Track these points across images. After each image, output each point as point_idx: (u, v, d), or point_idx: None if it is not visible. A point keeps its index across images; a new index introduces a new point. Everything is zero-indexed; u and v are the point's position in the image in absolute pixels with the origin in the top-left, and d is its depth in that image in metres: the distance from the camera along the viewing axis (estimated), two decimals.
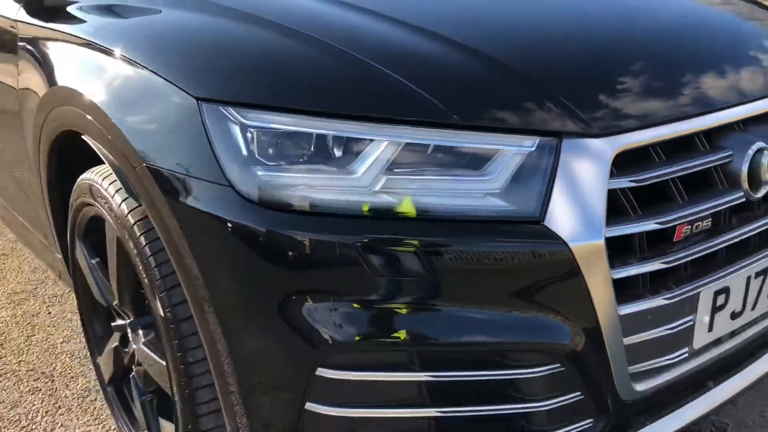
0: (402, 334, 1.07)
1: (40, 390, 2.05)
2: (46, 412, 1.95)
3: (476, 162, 1.11)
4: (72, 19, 1.62)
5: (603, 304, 1.09)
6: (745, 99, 1.31)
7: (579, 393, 1.13)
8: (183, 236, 1.16)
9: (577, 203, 1.08)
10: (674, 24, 1.52)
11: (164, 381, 1.39)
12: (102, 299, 1.65)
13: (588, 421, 1.16)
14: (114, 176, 1.39)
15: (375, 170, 1.09)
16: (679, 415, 1.29)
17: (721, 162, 1.24)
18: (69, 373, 2.12)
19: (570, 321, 1.09)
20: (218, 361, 1.19)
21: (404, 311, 1.07)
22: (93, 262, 1.64)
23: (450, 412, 1.10)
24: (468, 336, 1.08)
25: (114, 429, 1.87)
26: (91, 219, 1.59)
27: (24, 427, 1.90)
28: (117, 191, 1.38)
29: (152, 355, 1.43)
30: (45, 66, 1.64)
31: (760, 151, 1.24)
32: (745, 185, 1.24)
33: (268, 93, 1.15)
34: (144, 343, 1.47)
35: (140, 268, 1.32)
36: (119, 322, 1.62)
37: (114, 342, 1.67)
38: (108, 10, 1.60)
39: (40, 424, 1.90)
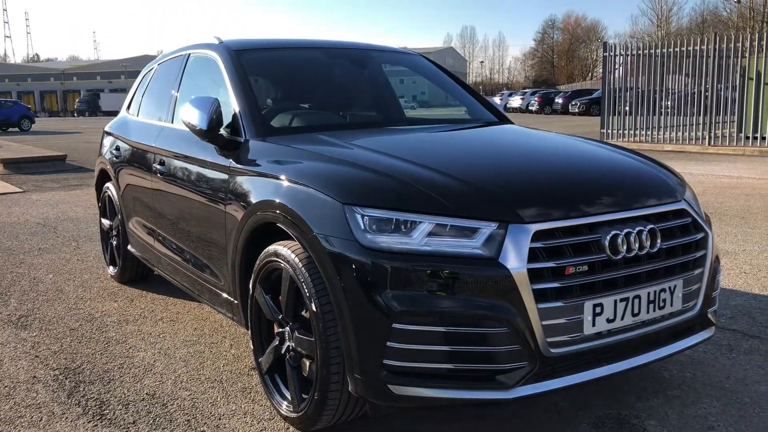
0: (432, 308, 2.34)
1: (215, 387, 3.32)
2: (222, 397, 3.21)
3: (469, 232, 2.41)
4: (270, 165, 3.06)
5: (528, 300, 2.34)
6: (610, 210, 2.59)
7: (518, 345, 2.36)
8: (332, 267, 2.48)
9: (513, 252, 2.36)
10: (583, 162, 2.90)
11: (311, 349, 2.66)
12: (271, 316, 2.96)
13: (524, 362, 2.37)
14: (291, 243, 2.76)
15: (422, 235, 2.41)
16: (580, 375, 2.47)
17: (593, 239, 2.50)
18: (231, 381, 3.39)
19: (511, 306, 2.33)
20: (345, 331, 2.46)
21: (434, 296, 2.34)
22: (267, 297, 2.97)
23: (455, 349, 2.34)
24: (465, 310, 2.33)
25: (263, 405, 3.11)
26: (271, 271, 2.93)
27: (211, 402, 3.16)
28: (293, 251, 2.73)
29: (305, 337, 2.71)
30: (252, 192, 3.07)
31: (615, 235, 2.50)
32: (608, 251, 2.49)
33: (371, 199, 2.51)
34: (299, 333, 2.75)
35: (304, 289, 2.63)
36: (279, 330, 2.92)
37: (275, 342, 2.95)
38: (284, 162, 3.03)
39: (220, 402, 3.16)
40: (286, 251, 2.76)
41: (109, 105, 65.41)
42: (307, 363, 2.79)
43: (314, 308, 2.58)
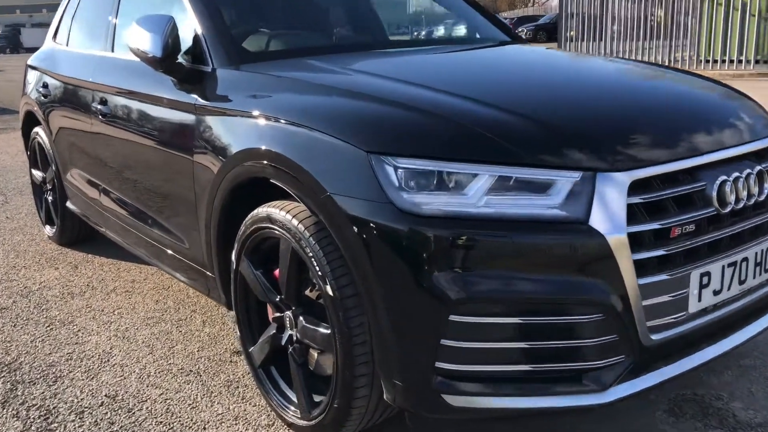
0: (503, 293, 1.72)
1: (192, 382, 2.67)
2: (203, 395, 2.57)
3: (543, 187, 1.78)
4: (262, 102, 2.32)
5: (628, 276, 1.74)
6: (714, 148, 1.99)
7: (615, 335, 1.77)
8: (357, 238, 1.82)
9: (607, 212, 1.74)
10: (665, 94, 2.25)
11: (326, 344, 2.02)
12: (265, 297, 2.29)
13: (621, 356, 1.79)
14: (291, 205, 2.08)
15: (480, 193, 1.76)
16: (681, 364, 1.91)
17: (698, 189, 1.90)
18: (211, 371, 2.74)
19: (607, 285, 1.73)
20: (378, 323, 1.83)
21: (504, 277, 1.72)
22: (258, 272, 2.30)
23: (534, 344, 1.74)
24: (547, 294, 1.72)
25: (257, 405, 2.48)
26: (261, 240, 2.25)
27: (190, 404, 2.51)
28: (296, 216, 2.05)
29: (316, 327, 2.06)
30: (229, 138, 2.35)
31: (723, 182, 1.91)
32: (715, 204, 1.90)
33: (407, 145, 1.84)
34: (306, 320, 2.10)
35: (314, 265, 1.97)
36: (277, 314, 2.27)
37: (271, 330, 2.30)
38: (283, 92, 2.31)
39: (201, 403, 2.52)
40: (285, 216, 2.08)
41: (32, 41, 61.30)
42: (315, 355, 2.16)
43: (330, 291, 1.93)
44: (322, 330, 2.05)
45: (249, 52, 2.74)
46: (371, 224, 1.81)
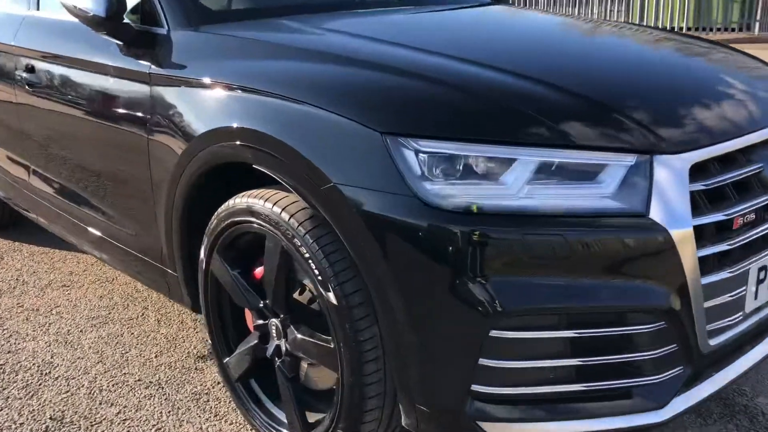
0: (554, 302, 1.44)
1: (154, 396, 2.31)
2: (169, 412, 2.21)
3: (591, 173, 1.50)
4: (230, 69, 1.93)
5: (692, 276, 1.49)
6: (765, 125, 1.75)
7: (675, 345, 1.52)
8: (370, 236, 1.51)
9: (670, 201, 1.48)
10: (714, 72, 1.99)
11: (328, 361, 1.71)
12: (244, 303, 1.95)
13: (679, 368, 1.55)
14: (278, 195, 1.73)
15: (520, 182, 1.47)
16: (734, 368, 1.69)
17: (755, 172, 1.66)
18: (174, 382, 2.38)
19: (670, 288, 1.48)
20: (398, 335, 1.53)
21: (554, 284, 1.44)
22: (234, 272, 1.95)
23: (587, 361, 1.47)
24: (604, 302, 1.45)
25: (234, 422, 2.15)
26: (238, 236, 1.90)
27: (155, 425, 2.16)
28: (286, 209, 1.71)
29: (314, 341, 1.74)
30: (194, 113, 1.97)
31: None
32: None
33: (430, 124, 1.52)
34: (301, 332, 1.78)
35: (312, 269, 1.64)
36: (259, 322, 1.93)
37: (252, 340, 1.97)
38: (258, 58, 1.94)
39: (168, 423, 2.16)
40: (272, 208, 1.74)
41: None
42: (305, 366, 1.86)
43: (333, 299, 1.61)
44: (321, 343, 1.73)
45: (210, 11, 2.34)
46: (389, 221, 1.49)
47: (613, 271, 1.46)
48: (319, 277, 1.64)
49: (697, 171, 1.55)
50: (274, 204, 1.74)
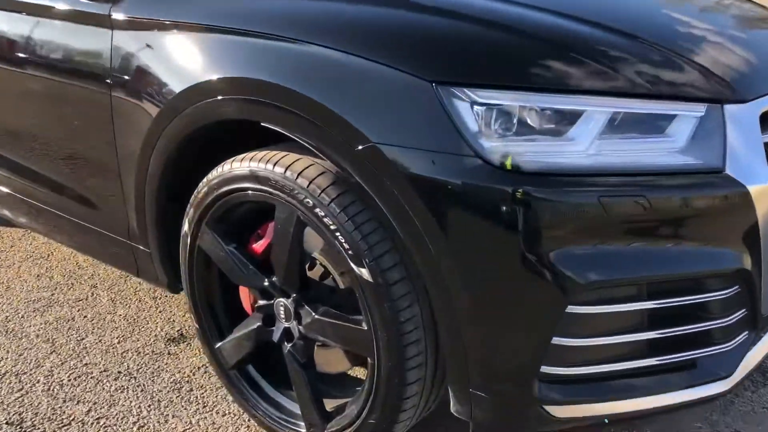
0: (633, 272, 1.29)
1: (127, 388, 2.04)
2: (149, 406, 1.95)
3: (660, 127, 1.35)
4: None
5: (764, 234, 1.37)
6: None
7: (745, 309, 1.42)
8: (420, 203, 1.30)
9: (744, 154, 1.35)
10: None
11: (359, 345, 1.51)
12: (243, 281, 1.71)
13: (745, 333, 1.45)
14: (290, 160, 1.49)
15: (590, 137, 1.30)
16: None
17: None
18: (147, 370, 2.11)
19: (746, 250, 1.36)
20: (452, 315, 1.34)
21: (633, 252, 1.29)
22: (230, 248, 1.70)
23: (662, 333, 1.34)
24: (679, 268, 1.32)
25: (228, 412, 1.92)
26: (234, 206, 1.65)
27: (135, 422, 1.90)
28: (300, 173, 1.47)
29: (340, 323, 1.53)
30: (173, 64, 1.67)
31: None
32: None
33: (494, 73, 1.32)
34: (320, 313, 1.56)
35: (339, 241, 1.42)
36: (263, 302, 1.70)
37: (254, 323, 1.73)
38: None
39: (149, 418, 1.91)
40: (283, 174, 1.50)
41: None
42: (321, 352, 1.66)
43: (368, 275, 1.41)
44: (350, 325, 1.52)
45: None
46: (445, 186, 1.29)
47: (692, 233, 1.33)
48: (350, 252, 1.43)
49: (765, 121, 1.42)
50: (287, 168, 1.50)
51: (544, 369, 1.33)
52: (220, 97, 1.56)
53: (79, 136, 1.98)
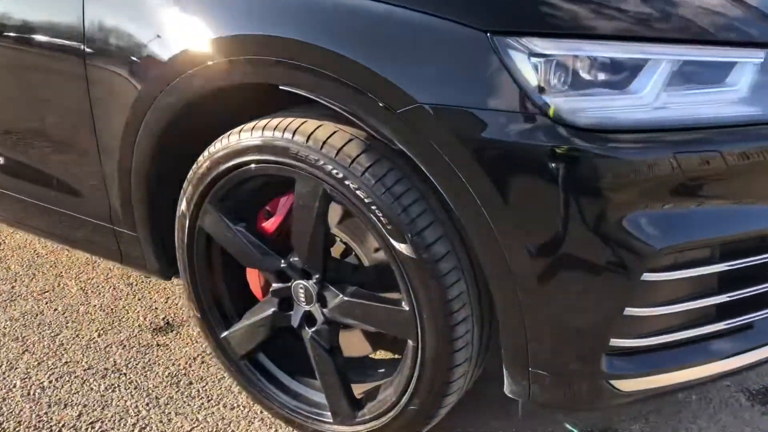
0: (709, 233, 1.21)
1: (118, 386, 1.85)
2: (147, 405, 1.78)
3: (719, 77, 1.25)
4: None
5: None
6: None
7: None
8: (478, 168, 1.17)
9: None
10: None
11: (398, 327, 1.38)
12: (255, 263, 1.55)
13: None
14: (310, 127, 1.34)
15: (656, 88, 1.19)
16: None
17: None
18: (137, 365, 1.93)
19: None
20: (511, 290, 1.23)
21: (705, 211, 1.20)
22: (238, 228, 1.53)
23: (734, 295, 1.27)
24: (751, 226, 1.24)
25: (236, 405, 1.77)
26: (242, 181, 1.48)
27: (135, 423, 1.72)
28: (325, 141, 1.32)
29: (376, 304, 1.40)
30: (171, 20, 1.47)
31: None
32: None
33: (553, 21, 1.19)
34: (353, 295, 1.43)
35: (378, 215, 1.29)
36: (279, 285, 1.54)
37: (268, 309, 1.58)
38: None
39: (151, 418, 1.74)
40: (305, 143, 1.34)
41: None
42: (348, 337, 1.53)
43: (410, 252, 1.28)
44: (389, 306, 1.39)
45: None
46: (503, 147, 1.17)
47: (763, 188, 1.25)
48: (389, 226, 1.29)
49: None
50: (309, 136, 1.34)
51: (613, 342, 1.24)
52: (226, 59, 1.37)
53: (49, 112, 1.75)
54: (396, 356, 1.70)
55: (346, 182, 1.31)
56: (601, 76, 1.18)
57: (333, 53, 1.24)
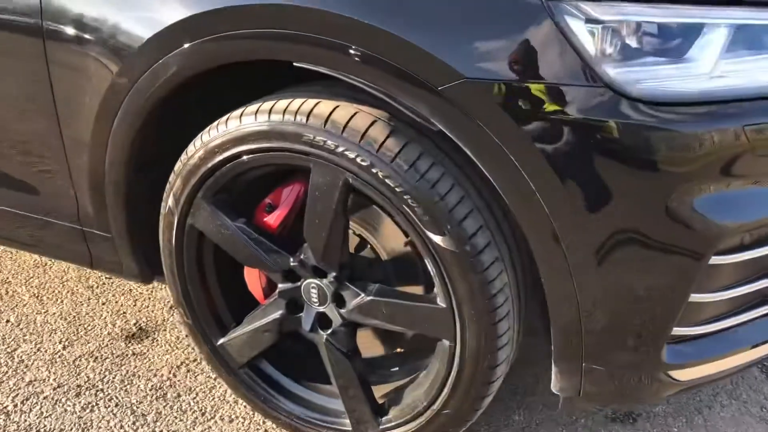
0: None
1: (97, 405, 1.66)
2: (134, 424, 1.60)
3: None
4: None
5: None
6: None
7: None
8: (530, 146, 1.06)
9: None
10: None
11: (433, 326, 1.26)
12: (259, 263, 1.39)
13: None
14: (327, 108, 1.18)
15: (713, 57, 1.10)
16: None
17: None
18: (114, 378, 1.74)
19: None
20: (563, 281, 1.12)
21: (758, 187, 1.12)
22: (238, 224, 1.36)
23: None
24: None
25: (237, 416, 1.61)
26: (241, 173, 1.31)
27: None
28: (346, 125, 1.17)
29: (408, 303, 1.27)
30: None
31: None
32: None
33: None
34: (378, 293, 1.29)
35: (412, 205, 1.15)
36: (286, 285, 1.39)
37: (274, 311, 1.42)
38: None
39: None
40: (322, 126, 1.19)
41: None
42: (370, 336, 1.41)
43: (449, 245, 1.16)
44: (422, 304, 1.26)
45: None
46: (560, 123, 1.05)
47: None
48: (425, 217, 1.16)
49: None
50: (326, 120, 1.18)
51: (675, 330, 1.15)
52: (228, 33, 1.19)
53: (3, 102, 1.52)
54: (401, 350, 1.58)
55: (374, 170, 1.16)
56: (655, 44, 1.08)
57: (362, 24, 1.08)
